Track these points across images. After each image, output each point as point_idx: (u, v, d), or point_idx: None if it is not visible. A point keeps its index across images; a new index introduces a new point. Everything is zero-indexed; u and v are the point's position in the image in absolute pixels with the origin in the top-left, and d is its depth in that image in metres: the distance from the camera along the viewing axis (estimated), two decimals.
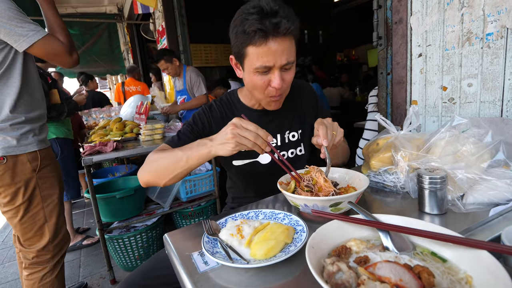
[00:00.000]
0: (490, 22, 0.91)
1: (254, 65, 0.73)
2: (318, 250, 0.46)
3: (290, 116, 0.96)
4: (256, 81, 0.76)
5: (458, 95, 1.04)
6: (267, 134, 0.64)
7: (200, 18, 4.55)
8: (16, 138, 1.08)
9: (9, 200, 1.10)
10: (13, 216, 1.13)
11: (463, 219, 0.62)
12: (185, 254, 0.58)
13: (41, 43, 1.04)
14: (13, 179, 1.08)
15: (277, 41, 0.69)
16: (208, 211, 2.12)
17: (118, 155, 1.60)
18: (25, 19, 1.02)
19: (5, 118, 1.06)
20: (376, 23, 1.30)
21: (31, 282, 1.20)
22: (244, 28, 0.69)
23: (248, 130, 0.63)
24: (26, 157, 1.10)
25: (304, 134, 0.98)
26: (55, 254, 1.23)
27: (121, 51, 5.56)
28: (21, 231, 1.15)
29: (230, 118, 0.90)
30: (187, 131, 0.89)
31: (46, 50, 1.07)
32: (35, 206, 1.15)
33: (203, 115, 0.91)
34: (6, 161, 1.05)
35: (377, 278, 0.38)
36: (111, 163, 3.27)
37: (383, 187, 0.83)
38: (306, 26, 6.40)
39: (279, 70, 0.73)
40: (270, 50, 0.70)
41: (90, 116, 3.26)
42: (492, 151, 0.69)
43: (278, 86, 0.74)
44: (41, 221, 1.17)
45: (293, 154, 0.96)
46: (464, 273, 0.40)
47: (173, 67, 2.60)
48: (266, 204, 0.81)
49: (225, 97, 0.97)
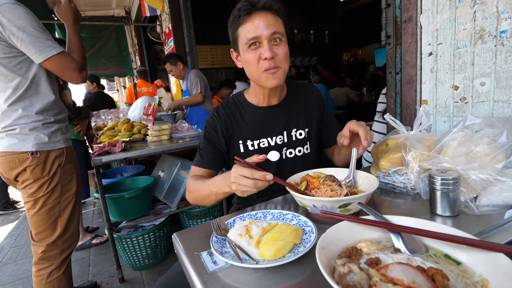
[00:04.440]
0: (504, 19, 0.88)
1: (244, 42, 0.79)
2: (328, 251, 0.45)
3: (297, 115, 0.96)
4: (249, 58, 0.80)
5: (470, 94, 1.02)
6: (264, 174, 0.62)
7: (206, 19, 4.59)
8: (47, 135, 1.20)
9: (34, 191, 1.19)
10: (32, 207, 1.21)
11: (477, 221, 0.61)
12: (194, 254, 0.59)
13: (55, 59, 1.15)
14: (42, 172, 1.19)
15: (260, 14, 0.77)
16: (214, 212, 2.13)
17: (127, 156, 1.62)
18: (44, 36, 1.12)
19: (38, 119, 1.19)
20: (384, 21, 1.28)
21: (39, 279, 1.25)
22: (234, 14, 0.79)
23: (245, 178, 0.62)
24: (55, 153, 1.22)
25: (311, 133, 0.98)
26: (63, 250, 1.28)
27: (129, 53, 5.64)
28: (36, 223, 1.22)
29: (237, 118, 0.94)
30: (205, 146, 0.93)
31: (58, 65, 1.17)
32: (53, 199, 1.23)
33: (212, 122, 0.94)
34: (39, 155, 1.17)
35: (390, 280, 0.38)
36: (119, 163, 3.31)
37: (392, 188, 0.82)
38: (312, 26, 6.37)
39: (267, 41, 0.77)
40: (254, 23, 0.77)
41: (99, 118, 3.31)
42: (507, 151, 0.67)
43: (268, 55, 0.77)
44: (55, 215, 1.24)
45: (301, 152, 0.97)
46: (480, 277, 0.39)
47: (177, 69, 2.82)
48: (274, 205, 0.81)
49: (232, 98, 0.99)
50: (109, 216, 1.67)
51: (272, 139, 0.94)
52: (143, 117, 2.24)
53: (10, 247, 2.51)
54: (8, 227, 2.99)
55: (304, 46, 6.31)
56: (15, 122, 1.15)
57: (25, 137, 1.16)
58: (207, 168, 0.91)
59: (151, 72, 5.49)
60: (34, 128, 1.17)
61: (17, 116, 1.15)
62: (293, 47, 5.65)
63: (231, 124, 0.93)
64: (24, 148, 1.15)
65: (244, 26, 0.78)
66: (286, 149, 0.95)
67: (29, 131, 1.16)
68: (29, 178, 1.17)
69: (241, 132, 0.93)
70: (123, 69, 5.63)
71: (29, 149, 1.15)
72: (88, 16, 5.13)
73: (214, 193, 0.76)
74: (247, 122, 0.94)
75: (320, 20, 6.43)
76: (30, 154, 1.15)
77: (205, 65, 5.30)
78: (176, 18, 3.27)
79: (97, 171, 1.59)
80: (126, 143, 1.69)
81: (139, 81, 4.42)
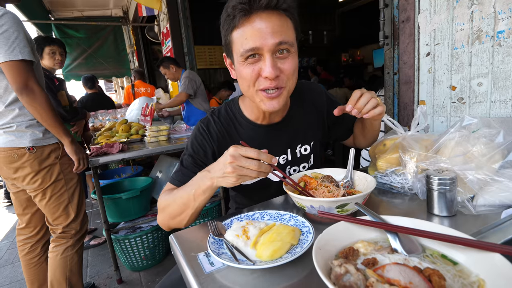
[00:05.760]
0: (501, 20, 0.89)
1: (240, 51, 0.61)
2: (325, 251, 0.45)
3: (302, 129, 0.85)
4: (245, 73, 0.63)
5: (468, 94, 1.02)
6: (271, 157, 0.56)
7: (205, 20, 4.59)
8: (42, 132, 1.29)
9: (39, 184, 1.30)
10: (42, 199, 1.33)
11: (474, 221, 0.61)
12: (191, 255, 0.58)
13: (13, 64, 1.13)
14: (40, 165, 1.29)
15: (262, 16, 0.58)
16: (213, 212, 2.12)
17: (124, 157, 1.61)
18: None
19: (33, 117, 1.26)
20: (382, 22, 1.28)
21: (54, 254, 1.40)
22: (228, 11, 0.61)
23: (249, 158, 0.55)
24: (50, 147, 1.32)
25: (316, 145, 0.90)
26: (78, 230, 1.45)
27: (126, 53, 5.63)
28: (50, 211, 1.36)
29: (232, 136, 0.80)
30: (189, 164, 0.77)
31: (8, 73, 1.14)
32: (60, 188, 1.36)
33: (202, 139, 0.78)
34: (35, 151, 1.27)
35: (386, 281, 0.38)
36: (117, 164, 3.30)
37: (390, 188, 0.82)
38: (310, 26, 6.38)
39: (270, 54, 0.60)
40: (255, 28, 0.58)
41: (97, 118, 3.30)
42: (503, 151, 0.67)
43: (270, 74, 0.60)
44: (65, 202, 1.39)
45: (305, 168, 0.89)
46: (476, 277, 0.39)
47: (171, 72, 2.87)
48: (271, 205, 0.80)
49: (224, 109, 0.82)
50: (106, 217, 1.67)
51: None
52: (141, 117, 2.23)
53: (7, 249, 2.50)
54: (5, 229, 2.97)
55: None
56: (12, 121, 1.24)
57: (22, 134, 1.25)
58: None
59: (149, 73, 5.48)
60: (29, 125, 1.27)
61: (14, 115, 1.24)
62: None
63: (225, 142, 0.79)
64: (22, 144, 1.24)
65: (240, 30, 0.60)
66: (290, 167, 0.86)
67: (25, 129, 1.26)
68: (30, 172, 1.27)
69: None
70: (121, 70, 5.62)
71: (26, 144, 1.25)
72: (86, 16, 5.12)
73: (193, 195, 0.64)
74: (243, 139, 0.76)
75: (319, 21, 6.45)
76: (27, 149, 1.25)
77: (203, 65, 5.30)
78: (174, 18, 3.26)
79: (95, 172, 1.59)
80: (123, 144, 1.68)
81: (137, 81, 4.41)
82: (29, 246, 1.46)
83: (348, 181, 0.76)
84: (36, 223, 1.47)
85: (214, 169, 0.61)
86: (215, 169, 0.61)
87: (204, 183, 0.62)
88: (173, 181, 0.78)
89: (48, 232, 1.50)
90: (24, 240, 1.46)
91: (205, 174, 0.63)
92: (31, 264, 1.47)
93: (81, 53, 5.10)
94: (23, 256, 1.46)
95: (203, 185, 0.63)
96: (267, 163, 0.57)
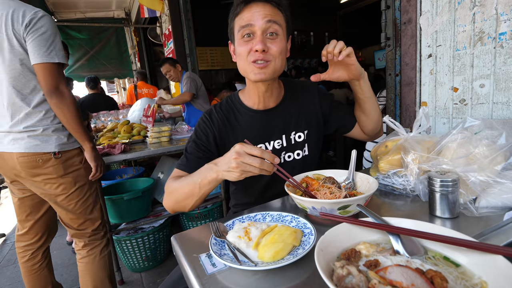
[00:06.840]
0: (503, 21, 0.89)
1: (237, 30, 0.77)
2: (327, 253, 0.45)
3: (295, 116, 0.92)
4: (242, 50, 0.77)
5: (470, 96, 1.02)
6: (274, 157, 0.61)
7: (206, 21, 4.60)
8: (66, 136, 1.26)
9: (62, 189, 1.26)
10: (69, 204, 1.30)
11: (476, 223, 0.61)
12: (193, 256, 0.58)
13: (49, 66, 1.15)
14: (65, 170, 1.26)
15: (258, 4, 0.74)
16: (214, 213, 2.12)
17: (126, 157, 1.62)
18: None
19: (59, 121, 1.24)
20: (384, 23, 1.29)
21: (92, 257, 1.38)
22: (234, 5, 0.78)
23: (252, 156, 0.60)
24: (75, 151, 1.29)
25: (310, 134, 0.94)
26: (106, 231, 1.46)
27: (129, 54, 5.66)
28: (76, 217, 1.33)
29: (231, 122, 0.89)
30: (193, 149, 0.86)
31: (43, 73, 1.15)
32: (85, 192, 1.33)
33: (204, 126, 0.88)
34: (60, 156, 1.24)
35: (388, 282, 0.38)
36: (119, 165, 3.31)
37: (392, 190, 0.82)
38: (312, 28, 6.39)
39: (261, 33, 0.74)
40: (251, 11, 0.74)
41: (99, 119, 3.31)
42: (506, 153, 0.67)
43: (260, 47, 0.73)
44: (91, 206, 1.37)
45: (299, 155, 0.93)
46: (479, 279, 0.39)
47: (176, 71, 2.88)
48: (273, 207, 0.80)
49: (226, 100, 0.94)
50: (108, 218, 1.67)
51: (270, 144, 0.90)
52: (143, 118, 2.24)
53: (9, 250, 2.51)
54: (7, 229, 2.98)
55: (304, 48, 6.33)
56: (38, 123, 1.19)
57: (47, 139, 1.21)
58: (191, 173, 0.82)
59: (151, 74, 5.50)
60: (56, 129, 1.23)
61: (40, 118, 1.20)
62: (293, 49, 5.64)
63: (225, 128, 0.88)
64: (47, 149, 1.20)
65: (240, 15, 0.76)
66: (284, 153, 0.92)
67: (52, 133, 1.22)
68: (54, 177, 1.23)
69: (235, 137, 0.88)
70: (123, 71, 5.64)
71: (52, 149, 1.21)
72: (88, 18, 5.15)
73: (199, 184, 0.70)
74: (242, 126, 0.89)
75: (320, 22, 6.45)
76: (53, 154, 1.21)
77: (205, 67, 5.31)
78: (176, 19, 3.28)
79: None
80: (125, 144, 1.69)
81: (139, 82, 4.44)
82: (30, 253, 1.40)
83: (350, 182, 0.76)
84: (37, 230, 1.40)
85: (220, 163, 0.65)
86: (221, 163, 0.65)
87: (210, 174, 0.68)
88: (179, 166, 0.86)
89: (49, 239, 1.45)
90: (24, 247, 1.40)
91: (211, 167, 0.68)
92: (33, 271, 1.41)
93: (83, 54, 5.13)
94: (23, 263, 1.40)
95: (209, 176, 0.68)
96: (270, 162, 0.61)
